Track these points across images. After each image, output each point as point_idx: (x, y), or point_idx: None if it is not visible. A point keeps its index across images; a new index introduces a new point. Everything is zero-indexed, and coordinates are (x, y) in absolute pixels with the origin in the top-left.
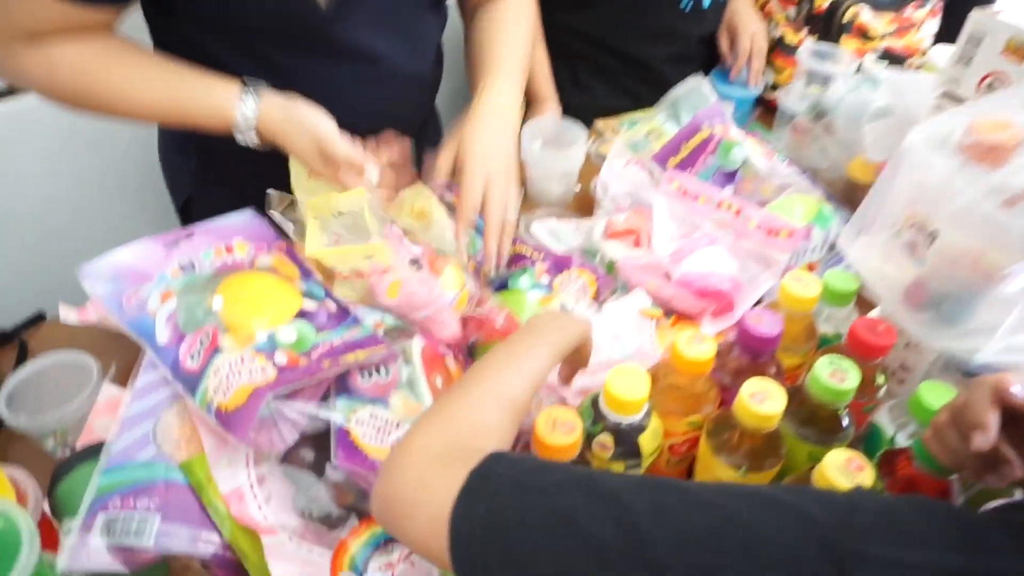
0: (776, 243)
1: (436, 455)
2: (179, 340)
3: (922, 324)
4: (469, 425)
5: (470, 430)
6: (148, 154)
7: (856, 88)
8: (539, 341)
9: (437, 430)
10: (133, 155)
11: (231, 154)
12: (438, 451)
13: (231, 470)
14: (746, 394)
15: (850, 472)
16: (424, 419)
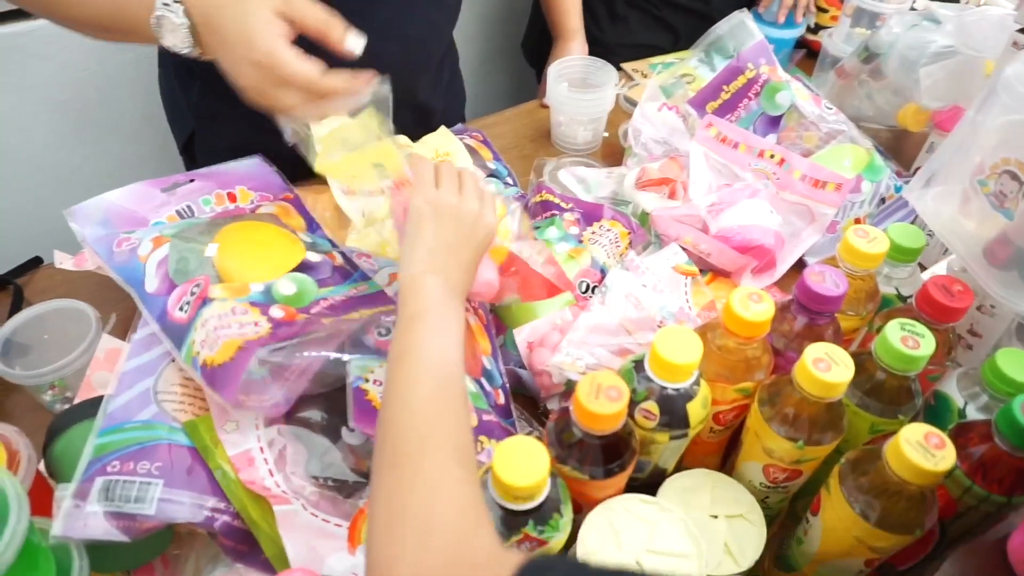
0: (823, 195)
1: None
2: (169, 289)
3: (1003, 284)
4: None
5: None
6: (151, 92)
7: (913, 27)
8: (441, 316)
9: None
10: (136, 93)
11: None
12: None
13: (239, 433)
14: (809, 360)
15: (930, 449)
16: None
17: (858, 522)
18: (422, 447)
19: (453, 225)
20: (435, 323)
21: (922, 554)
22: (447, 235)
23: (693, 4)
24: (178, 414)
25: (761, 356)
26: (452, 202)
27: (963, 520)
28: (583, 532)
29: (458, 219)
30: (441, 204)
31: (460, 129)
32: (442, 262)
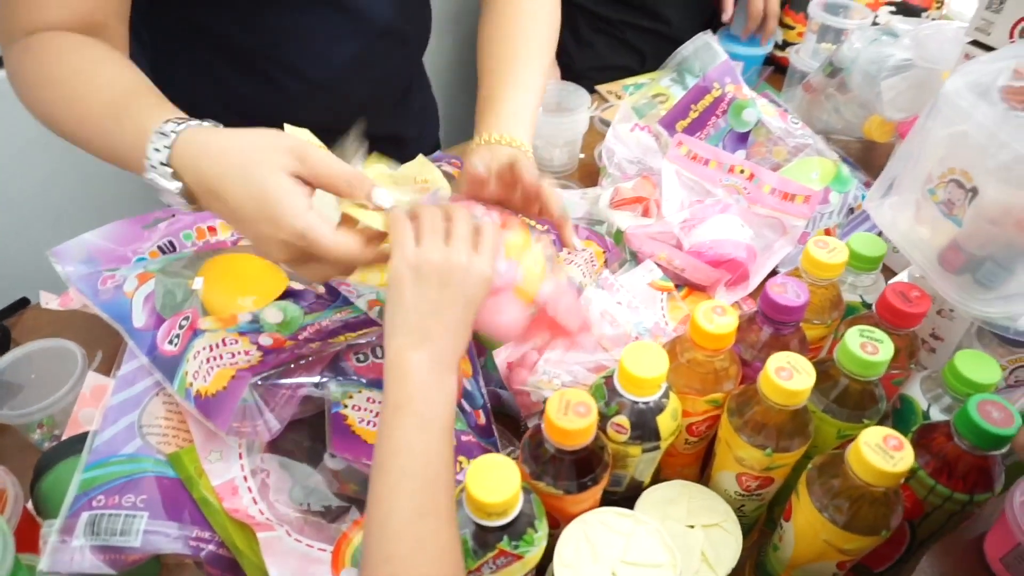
0: (792, 208)
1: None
2: (157, 323)
3: (957, 289)
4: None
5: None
6: None
7: (873, 42)
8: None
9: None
10: None
11: (216, 113)
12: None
13: (223, 462)
14: (772, 369)
15: (888, 451)
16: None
17: (826, 525)
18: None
19: (436, 285)
20: (420, 415)
21: (895, 555)
22: (430, 297)
23: (655, 26)
24: (162, 446)
25: (729, 367)
26: (435, 259)
27: (930, 520)
28: (559, 546)
29: (442, 277)
30: (422, 263)
31: (439, 156)
32: (425, 331)
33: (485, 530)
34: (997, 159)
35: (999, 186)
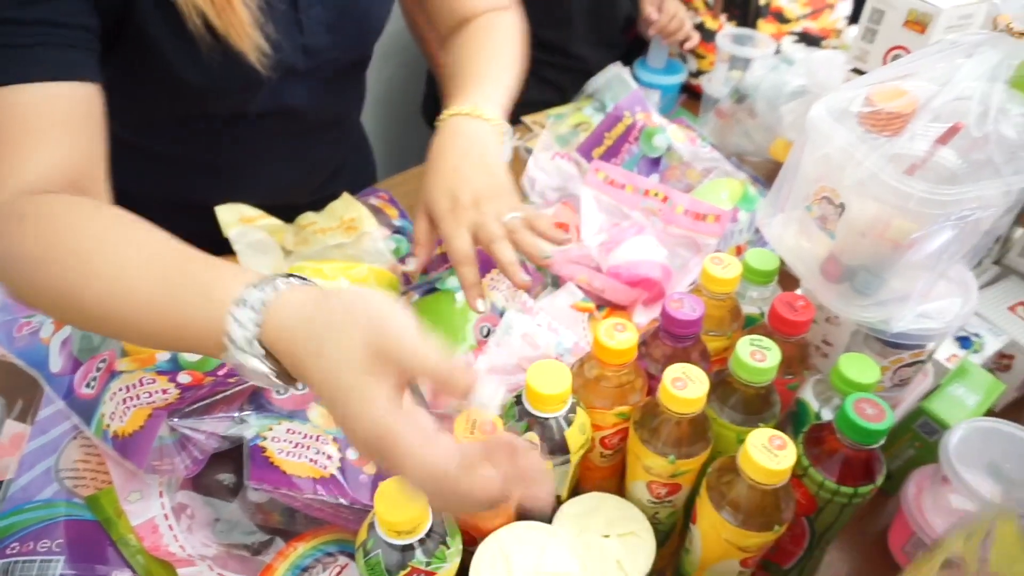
0: (704, 227)
1: None
2: (74, 367)
3: (838, 297)
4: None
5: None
6: None
7: (772, 70)
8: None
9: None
10: None
11: (153, 203)
12: None
13: (143, 502)
14: (668, 380)
15: (773, 450)
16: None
17: (725, 525)
18: None
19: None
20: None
21: (799, 551)
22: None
23: (573, 64)
24: (80, 489)
25: (634, 381)
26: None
27: (824, 514)
28: (475, 560)
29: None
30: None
31: (367, 192)
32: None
33: (396, 548)
34: (855, 177)
35: (860, 201)
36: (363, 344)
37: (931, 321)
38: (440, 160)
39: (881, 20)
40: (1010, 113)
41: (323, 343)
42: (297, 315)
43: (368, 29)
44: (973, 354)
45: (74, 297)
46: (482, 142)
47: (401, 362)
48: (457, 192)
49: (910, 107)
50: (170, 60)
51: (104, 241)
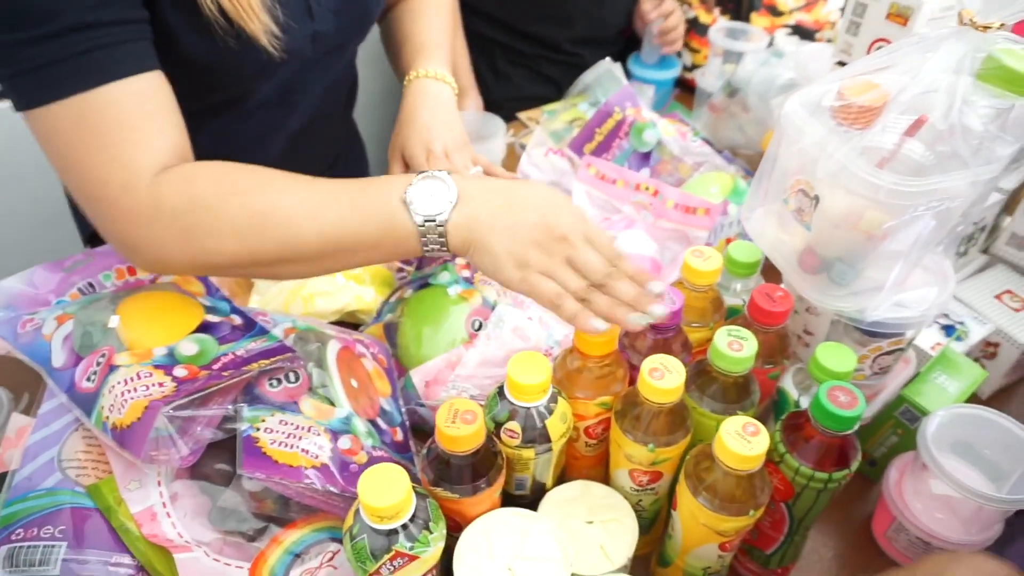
0: (694, 220)
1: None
2: (75, 362)
3: (815, 288)
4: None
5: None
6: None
7: (763, 64)
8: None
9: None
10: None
11: None
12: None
13: (142, 491)
14: (646, 371)
15: (746, 437)
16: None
17: (702, 510)
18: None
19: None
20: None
21: (780, 536)
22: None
23: (569, 59)
24: (82, 479)
25: (616, 371)
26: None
27: (802, 499)
28: (460, 545)
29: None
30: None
31: None
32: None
33: (380, 533)
34: (827, 169)
35: (833, 193)
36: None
37: (908, 310)
38: (414, 115)
39: (864, 13)
40: (976, 105)
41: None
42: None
43: (369, 13)
44: (957, 342)
45: (267, 215)
46: (445, 101)
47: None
48: (431, 145)
49: (881, 100)
50: (182, 43)
51: (275, 175)
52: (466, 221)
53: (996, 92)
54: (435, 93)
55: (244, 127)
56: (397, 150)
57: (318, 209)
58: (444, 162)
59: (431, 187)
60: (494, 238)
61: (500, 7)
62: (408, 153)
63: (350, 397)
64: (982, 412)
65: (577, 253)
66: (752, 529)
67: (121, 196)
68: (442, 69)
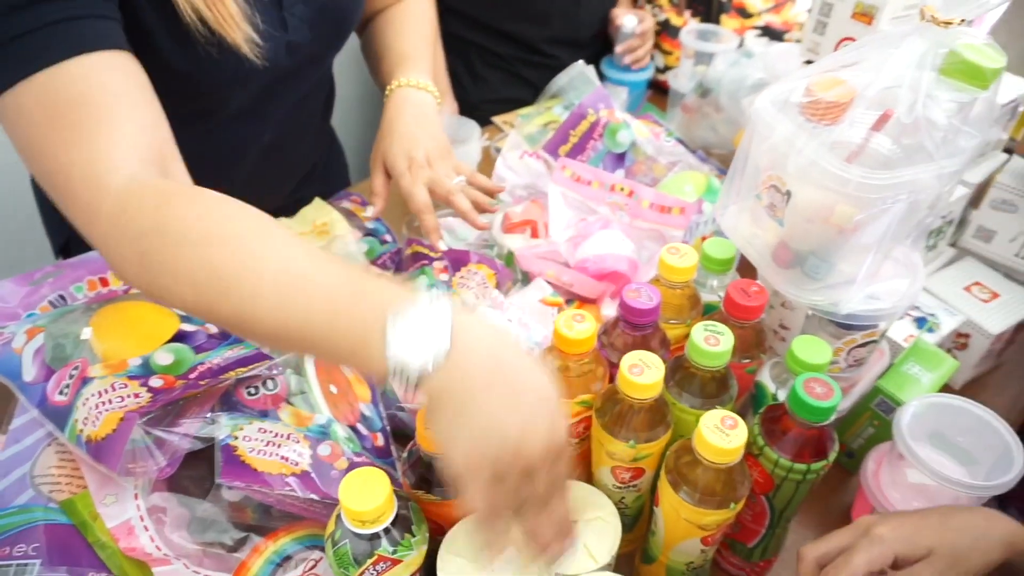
0: (669, 220)
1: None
2: (47, 375)
3: (789, 282)
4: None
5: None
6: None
7: (733, 64)
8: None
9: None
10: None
11: None
12: None
13: (118, 505)
14: (625, 367)
15: (724, 430)
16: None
17: (683, 504)
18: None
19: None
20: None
21: (761, 529)
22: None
23: (546, 60)
24: (55, 494)
25: (595, 370)
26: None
27: (782, 491)
28: (443, 546)
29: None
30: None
31: (340, 195)
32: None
33: (362, 538)
34: (797, 164)
35: (804, 188)
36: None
37: (880, 302)
38: (396, 124)
39: (831, 13)
40: (939, 100)
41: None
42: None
43: (345, 24)
44: (929, 333)
45: (233, 279)
46: (427, 110)
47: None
48: (412, 153)
49: (848, 96)
50: (162, 49)
51: (265, 230)
52: (446, 385)
53: (958, 86)
54: (417, 101)
55: (219, 136)
56: (379, 159)
57: (291, 297)
58: (426, 170)
59: (423, 324)
60: (459, 424)
61: (477, 6)
62: (390, 162)
63: (330, 403)
64: (955, 401)
65: (532, 491)
66: (734, 523)
67: (82, 188)
68: (424, 78)
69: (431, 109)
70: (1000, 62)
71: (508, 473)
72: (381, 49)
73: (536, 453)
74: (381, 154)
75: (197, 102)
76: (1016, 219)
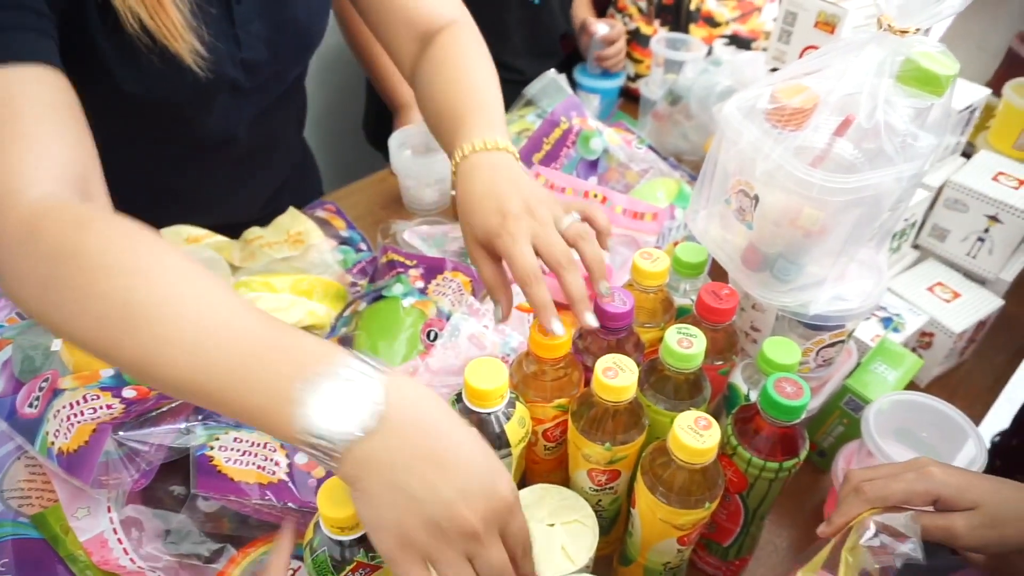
0: (643, 225)
1: None
2: (16, 388)
3: (759, 285)
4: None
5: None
6: None
7: (702, 72)
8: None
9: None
10: None
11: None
12: None
13: (91, 518)
14: (600, 371)
15: (698, 431)
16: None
17: (659, 505)
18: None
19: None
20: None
21: (736, 528)
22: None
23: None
24: (25, 508)
25: (571, 374)
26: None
27: (755, 490)
28: None
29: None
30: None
31: (314, 204)
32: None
33: (341, 545)
34: (764, 169)
35: (771, 192)
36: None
37: (847, 303)
38: (472, 191)
39: (795, 22)
40: (897, 105)
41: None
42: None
43: (306, 43)
44: (895, 333)
45: (143, 315)
46: (507, 166)
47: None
48: (504, 205)
49: (811, 102)
50: (113, 71)
51: (187, 271)
52: (372, 455)
53: (915, 93)
54: (490, 163)
55: (190, 156)
56: (471, 242)
57: (205, 346)
58: (526, 220)
59: (350, 389)
60: (388, 498)
61: None
62: (479, 229)
63: None
64: (918, 398)
65: (482, 552)
66: (710, 522)
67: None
68: (492, 134)
69: (510, 164)
70: (953, 69)
71: (449, 532)
72: (434, 114)
73: (481, 511)
74: (470, 234)
75: (161, 125)
76: (967, 219)
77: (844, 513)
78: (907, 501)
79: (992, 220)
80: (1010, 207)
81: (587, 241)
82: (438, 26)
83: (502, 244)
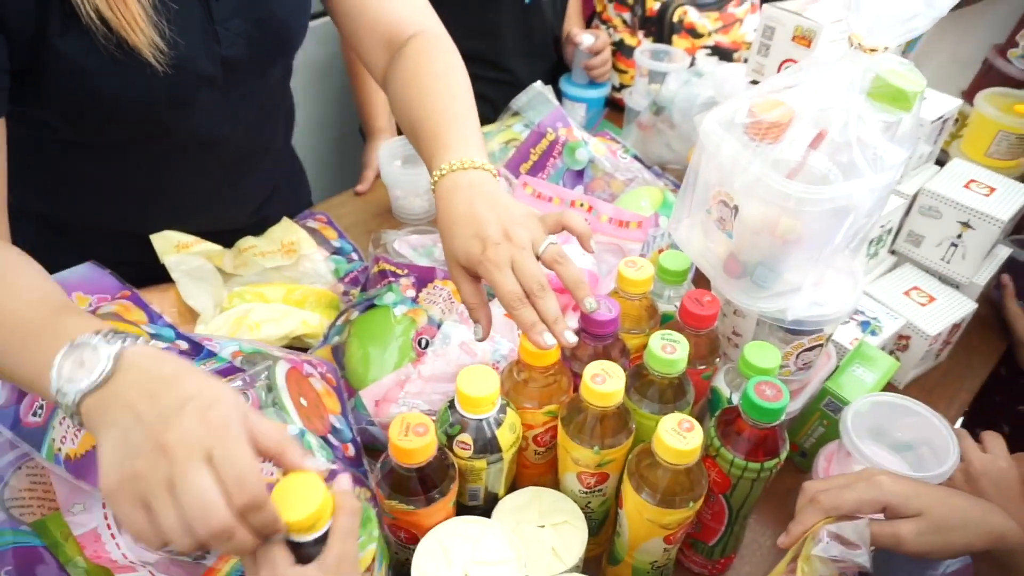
0: (628, 234)
1: None
2: (19, 399)
3: (740, 291)
4: None
5: None
6: None
7: (685, 83)
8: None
9: None
10: None
11: (88, 231)
12: None
13: (86, 514)
14: (588, 377)
15: (682, 433)
16: None
17: (646, 505)
18: None
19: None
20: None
21: (720, 527)
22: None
23: (502, 76)
24: (26, 516)
25: (560, 380)
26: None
27: (738, 490)
28: (417, 556)
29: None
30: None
31: (305, 215)
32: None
33: (300, 545)
34: (743, 180)
35: (749, 202)
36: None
37: (825, 308)
38: (452, 214)
39: (773, 36)
40: (868, 120)
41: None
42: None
43: (286, 40)
44: (872, 336)
45: None
46: (484, 185)
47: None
48: (483, 230)
49: (787, 117)
50: (86, 74)
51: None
52: (99, 403)
53: (884, 108)
54: (469, 182)
55: (178, 160)
56: (452, 264)
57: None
58: (505, 246)
59: (90, 353)
60: (107, 437)
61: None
62: (461, 256)
63: (301, 415)
64: (896, 399)
65: (178, 478)
66: (695, 522)
67: None
68: (468, 152)
69: (487, 183)
70: (921, 85)
71: (150, 454)
72: (409, 124)
73: (181, 430)
74: (451, 256)
75: (144, 127)
76: (941, 225)
77: (801, 522)
78: (858, 510)
79: (964, 226)
80: (981, 214)
81: (563, 264)
82: (406, 33)
83: (484, 272)
